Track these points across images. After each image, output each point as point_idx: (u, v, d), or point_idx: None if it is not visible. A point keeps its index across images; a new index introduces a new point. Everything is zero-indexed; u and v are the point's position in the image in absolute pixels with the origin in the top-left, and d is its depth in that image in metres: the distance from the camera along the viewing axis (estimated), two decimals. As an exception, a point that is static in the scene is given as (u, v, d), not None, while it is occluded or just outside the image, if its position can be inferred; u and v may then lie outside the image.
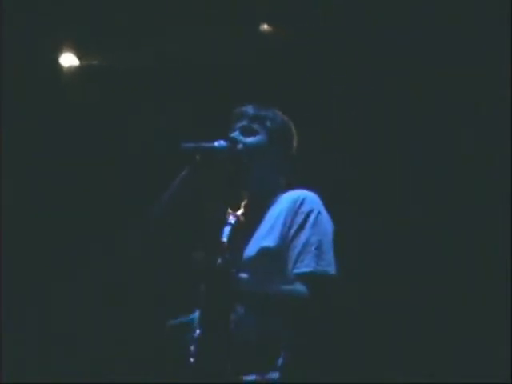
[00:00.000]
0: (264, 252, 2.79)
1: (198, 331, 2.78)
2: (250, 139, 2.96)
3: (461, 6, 5.11)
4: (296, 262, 2.75)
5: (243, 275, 2.74)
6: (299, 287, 2.71)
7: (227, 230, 2.85)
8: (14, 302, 5.65)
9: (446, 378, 4.96)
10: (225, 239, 2.77)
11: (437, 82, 5.26)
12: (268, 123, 2.99)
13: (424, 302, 5.19)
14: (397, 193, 5.28)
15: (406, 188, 5.27)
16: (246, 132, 2.98)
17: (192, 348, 2.76)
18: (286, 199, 2.88)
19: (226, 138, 2.94)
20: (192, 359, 2.74)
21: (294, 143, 3.05)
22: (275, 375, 2.70)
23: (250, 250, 2.84)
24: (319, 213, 2.83)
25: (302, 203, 2.83)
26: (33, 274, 5.74)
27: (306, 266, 2.74)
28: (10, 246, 5.60)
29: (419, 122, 5.27)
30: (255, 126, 2.98)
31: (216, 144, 2.90)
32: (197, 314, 2.89)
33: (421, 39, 5.19)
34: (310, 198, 2.86)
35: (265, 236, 2.83)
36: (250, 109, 3.03)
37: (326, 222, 2.85)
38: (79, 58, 5.65)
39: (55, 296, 5.79)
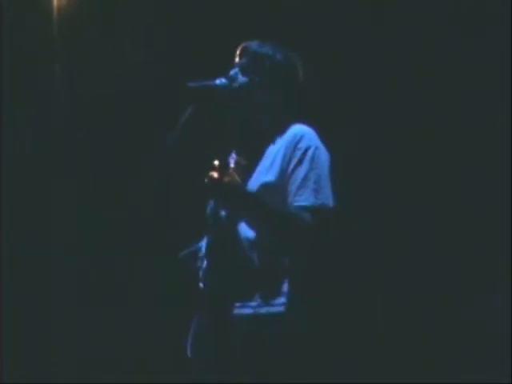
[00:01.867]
0: (265, 187, 2.89)
1: (205, 261, 2.93)
2: (245, 78, 3.02)
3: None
4: (295, 195, 2.86)
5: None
6: (304, 214, 2.81)
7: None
8: (14, 300, 5.66)
9: (446, 377, 4.96)
10: (230, 169, 2.85)
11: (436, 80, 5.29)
12: (266, 62, 3.05)
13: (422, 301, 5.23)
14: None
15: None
16: (244, 70, 3.04)
17: (200, 274, 2.92)
18: (285, 135, 2.96)
19: (226, 76, 3.02)
20: (201, 284, 2.91)
21: (297, 80, 3.10)
22: (280, 300, 2.81)
23: (252, 184, 2.92)
24: (317, 148, 2.93)
25: (300, 139, 2.92)
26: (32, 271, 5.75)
27: (304, 200, 2.84)
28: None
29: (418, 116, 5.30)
30: (253, 65, 3.04)
31: (217, 82, 2.98)
32: (204, 242, 3.01)
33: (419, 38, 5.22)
34: (308, 134, 2.95)
35: (265, 171, 2.93)
36: (251, 46, 3.09)
37: (324, 157, 2.94)
38: None
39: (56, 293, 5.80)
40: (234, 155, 3.01)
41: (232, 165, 2.90)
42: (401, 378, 4.91)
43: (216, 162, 2.79)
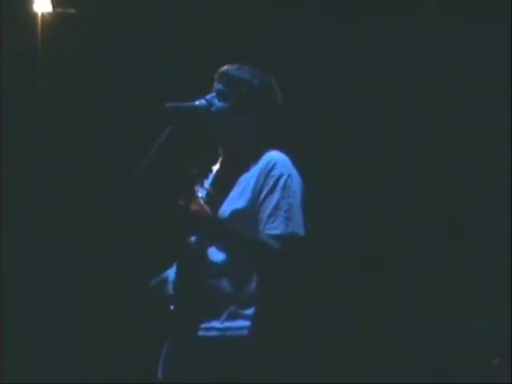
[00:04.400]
0: (236, 213, 2.87)
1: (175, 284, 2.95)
2: (221, 104, 2.99)
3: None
4: (266, 223, 2.84)
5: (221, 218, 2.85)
6: (274, 242, 2.81)
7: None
8: (14, 301, 5.65)
9: (447, 377, 4.95)
10: (200, 194, 2.86)
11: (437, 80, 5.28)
12: (243, 88, 3.01)
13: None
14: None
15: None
16: (221, 96, 3.01)
17: (171, 296, 2.94)
18: (260, 162, 2.94)
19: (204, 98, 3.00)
20: (172, 307, 2.91)
21: (274, 106, 3.06)
22: (245, 323, 2.81)
23: (224, 210, 2.90)
24: (289, 176, 2.90)
25: (273, 167, 2.89)
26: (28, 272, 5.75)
27: (275, 228, 2.83)
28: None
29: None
30: (230, 91, 3.01)
31: (197, 103, 2.96)
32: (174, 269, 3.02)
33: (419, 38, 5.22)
34: (281, 162, 2.92)
35: (237, 198, 2.90)
36: (230, 70, 3.05)
37: (297, 185, 2.91)
38: (54, 4, 5.65)
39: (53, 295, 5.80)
40: (204, 184, 2.99)
41: (200, 194, 2.88)
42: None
43: (184, 192, 2.79)
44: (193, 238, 2.94)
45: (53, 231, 5.75)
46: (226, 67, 3.06)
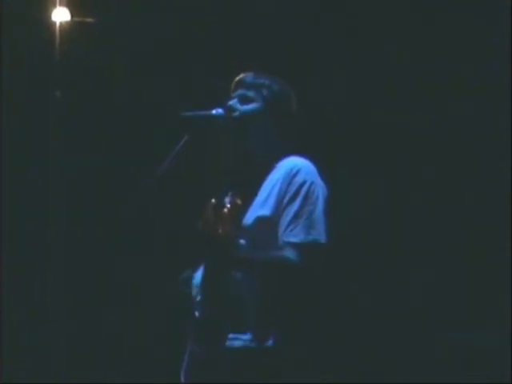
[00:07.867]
0: (260, 220, 2.85)
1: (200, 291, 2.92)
2: (245, 107, 2.99)
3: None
4: (285, 230, 2.82)
5: (241, 241, 2.82)
6: (287, 253, 2.78)
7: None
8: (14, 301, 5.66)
9: (445, 377, 4.97)
10: (226, 209, 2.81)
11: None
12: (264, 91, 3.01)
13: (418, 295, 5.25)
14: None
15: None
16: (243, 100, 3.01)
17: (196, 303, 2.91)
18: (283, 168, 2.93)
19: (223, 107, 2.99)
20: (196, 313, 2.88)
21: (293, 111, 3.06)
22: (271, 336, 2.79)
23: (248, 217, 2.89)
24: (312, 183, 2.88)
25: (296, 173, 2.88)
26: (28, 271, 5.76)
27: (294, 235, 2.80)
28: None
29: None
30: (251, 94, 3.01)
31: (214, 112, 2.97)
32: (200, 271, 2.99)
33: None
34: (304, 169, 2.90)
35: (261, 204, 2.89)
36: (248, 77, 3.06)
37: (320, 192, 2.89)
38: (72, 13, 5.66)
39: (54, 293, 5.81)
40: (230, 194, 2.97)
41: (228, 204, 2.84)
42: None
43: (210, 213, 2.73)
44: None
45: (61, 235, 5.78)
46: (243, 75, 3.07)
